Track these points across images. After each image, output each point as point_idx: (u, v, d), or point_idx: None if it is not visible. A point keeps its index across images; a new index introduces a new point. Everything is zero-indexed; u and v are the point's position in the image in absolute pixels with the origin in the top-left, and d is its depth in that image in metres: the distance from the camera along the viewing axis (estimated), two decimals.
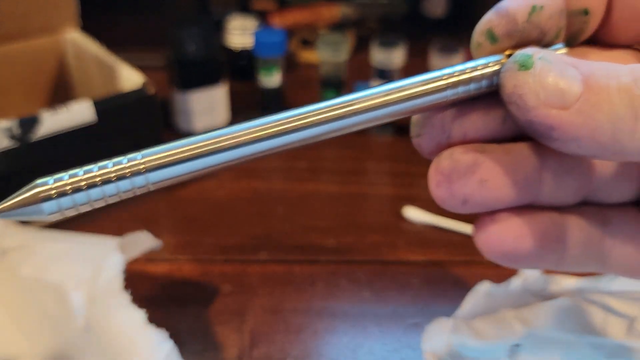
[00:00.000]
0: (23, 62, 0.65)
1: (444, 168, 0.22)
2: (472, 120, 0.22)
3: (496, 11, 0.22)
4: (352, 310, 0.49)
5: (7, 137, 0.50)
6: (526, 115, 0.19)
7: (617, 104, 0.18)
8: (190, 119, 0.69)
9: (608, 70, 0.19)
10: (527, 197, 0.22)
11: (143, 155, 0.19)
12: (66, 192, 0.19)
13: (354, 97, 0.21)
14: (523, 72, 0.20)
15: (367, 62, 0.69)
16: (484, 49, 0.22)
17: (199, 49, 0.66)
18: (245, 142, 0.20)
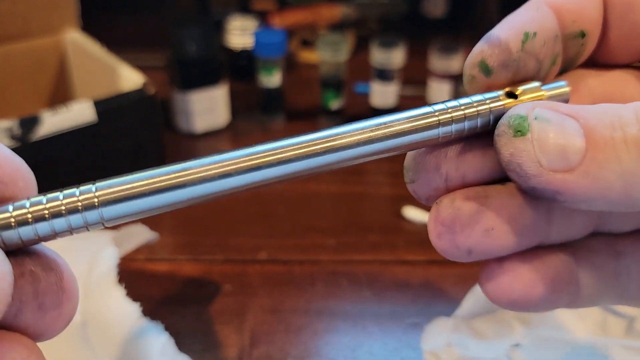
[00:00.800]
0: (23, 62, 0.65)
1: (445, 218, 0.20)
2: (470, 161, 0.20)
3: (487, 41, 0.20)
4: (352, 310, 0.49)
5: (7, 137, 0.50)
6: (527, 183, 0.18)
7: (625, 159, 0.17)
8: (191, 119, 0.69)
9: (611, 120, 0.17)
10: (536, 239, 0.21)
11: (97, 187, 0.17)
12: (10, 225, 0.16)
13: (336, 131, 0.19)
14: (519, 138, 0.18)
15: (367, 62, 0.69)
16: (478, 82, 0.20)
17: (199, 49, 0.66)
18: (212, 177, 0.17)
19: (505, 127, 0.19)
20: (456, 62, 0.65)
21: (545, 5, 0.21)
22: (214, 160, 0.18)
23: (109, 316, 0.42)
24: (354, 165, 0.20)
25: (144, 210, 0.17)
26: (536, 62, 0.20)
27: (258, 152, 0.18)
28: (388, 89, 0.68)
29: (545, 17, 0.21)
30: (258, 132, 0.71)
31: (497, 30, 0.20)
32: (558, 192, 0.18)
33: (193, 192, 0.17)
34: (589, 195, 0.17)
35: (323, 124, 0.72)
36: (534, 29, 0.20)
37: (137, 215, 0.17)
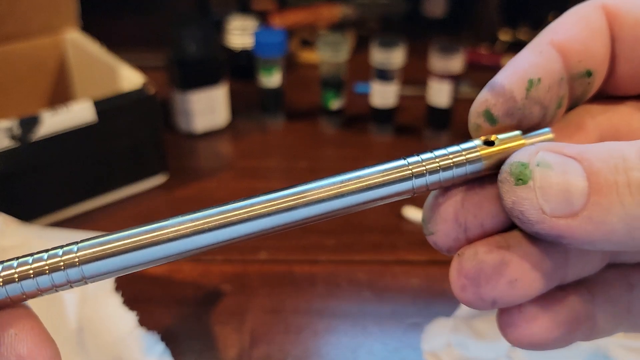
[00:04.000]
0: (23, 62, 0.65)
1: (469, 271, 0.20)
2: (487, 208, 0.20)
3: (491, 89, 0.20)
4: (352, 310, 0.49)
5: (7, 137, 0.50)
6: (531, 228, 0.18)
7: (629, 203, 0.17)
8: (190, 119, 0.69)
9: (615, 162, 0.17)
10: (555, 282, 0.21)
11: (79, 247, 0.18)
12: None
13: (308, 187, 0.19)
14: (521, 187, 0.18)
15: (367, 62, 0.69)
16: (484, 131, 0.20)
17: (199, 49, 0.66)
18: (188, 234, 0.18)
19: (507, 174, 0.19)
20: (456, 62, 0.65)
21: (550, 46, 0.21)
22: (188, 218, 0.18)
23: (105, 324, 0.42)
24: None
25: (123, 268, 0.18)
26: (541, 108, 0.20)
27: (230, 210, 0.19)
28: (388, 89, 0.68)
29: (549, 60, 0.21)
30: (258, 132, 0.71)
31: (501, 78, 0.20)
32: (562, 236, 0.18)
33: (168, 250, 0.18)
34: (593, 239, 0.17)
35: (323, 123, 0.72)
36: (538, 74, 0.20)
37: (117, 272, 0.18)
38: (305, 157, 0.67)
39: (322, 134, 0.71)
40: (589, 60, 0.21)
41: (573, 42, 0.21)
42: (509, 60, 0.21)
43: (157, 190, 0.62)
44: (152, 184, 0.62)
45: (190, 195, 0.61)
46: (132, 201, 0.60)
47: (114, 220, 0.57)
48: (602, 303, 0.22)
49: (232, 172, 0.65)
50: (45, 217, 0.56)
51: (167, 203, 0.60)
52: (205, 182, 0.63)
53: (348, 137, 0.71)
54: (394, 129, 0.71)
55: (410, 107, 0.73)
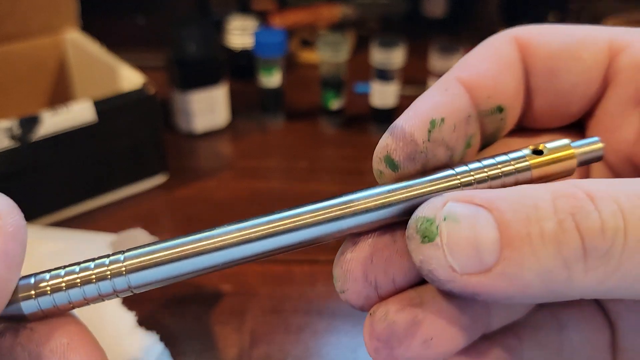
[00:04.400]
0: (23, 62, 0.65)
1: (381, 333, 0.19)
2: (397, 263, 0.19)
3: (392, 133, 0.19)
4: (352, 311, 0.48)
5: (7, 137, 0.50)
6: (443, 287, 0.17)
7: (543, 256, 0.16)
8: (190, 119, 0.69)
9: (527, 212, 0.16)
10: (478, 333, 0.20)
11: (125, 257, 0.18)
12: (46, 292, 0.18)
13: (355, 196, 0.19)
14: (427, 244, 0.17)
15: (367, 62, 0.69)
16: (387, 178, 0.19)
17: (199, 49, 0.66)
18: (234, 243, 0.18)
19: (413, 230, 0.17)
20: (456, 62, 0.65)
21: (457, 82, 0.20)
22: (235, 227, 0.18)
23: (104, 323, 0.42)
24: (355, 167, 0.20)
25: (169, 277, 0.18)
26: (446, 149, 0.19)
27: (276, 220, 0.18)
28: (388, 89, 0.68)
29: (455, 98, 0.20)
30: (258, 132, 0.71)
31: (402, 121, 0.19)
32: (476, 293, 0.17)
33: (214, 259, 0.18)
34: (508, 295, 0.16)
35: (323, 123, 0.72)
36: (441, 114, 0.19)
37: (163, 281, 0.19)
38: (305, 157, 0.67)
39: (322, 134, 0.71)
40: (499, 95, 0.20)
41: (481, 78, 0.20)
42: (414, 101, 0.20)
43: (157, 190, 0.62)
44: (152, 184, 0.62)
45: (190, 195, 0.61)
46: (132, 201, 0.60)
47: (114, 220, 0.57)
48: (531, 347, 0.21)
49: (232, 172, 0.65)
50: (45, 217, 0.56)
51: (167, 203, 0.60)
52: (205, 182, 0.63)
53: (348, 137, 0.71)
54: None
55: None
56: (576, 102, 0.21)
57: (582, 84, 0.21)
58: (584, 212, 0.16)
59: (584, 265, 0.16)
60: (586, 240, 0.16)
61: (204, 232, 0.18)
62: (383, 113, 0.70)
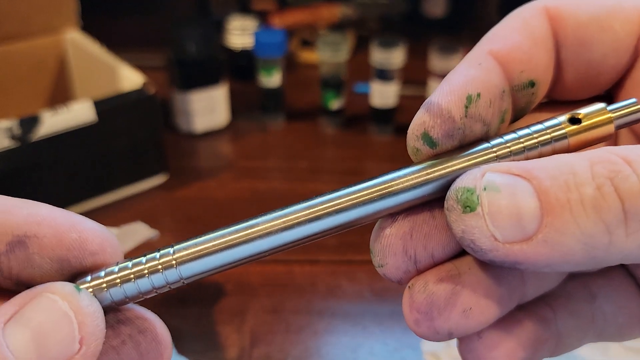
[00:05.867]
0: (24, 62, 0.65)
1: (421, 305, 0.19)
2: (436, 238, 0.19)
3: (428, 109, 0.19)
4: (352, 310, 0.49)
5: (7, 137, 0.50)
6: (484, 257, 0.17)
7: (584, 222, 0.16)
8: (190, 119, 0.69)
9: (566, 179, 0.16)
10: (513, 303, 0.20)
11: (175, 249, 0.19)
12: (102, 289, 0.19)
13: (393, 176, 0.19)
14: (469, 214, 0.17)
15: (367, 62, 0.69)
16: (424, 155, 0.19)
17: (199, 49, 0.66)
18: (279, 230, 0.18)
19: (453, 202, 0.17)
20: (456, 62, 0.65)
21: (489, 57, 0.20)
22: (277, 215, 0.19)
23: None
24: (355, 167, 0.20)
25: (218, 266, 0.19)
26: (483, 125, 0.19)
27: (318, 204, 0.19)
28: (388, 89, 0.68)
29: (489, 73, 0.19)
30: (258, 132, 0.71)
31: (438, 97, 0.19)
32: (517, 262, 0.17)
33: (260, 247, 0.19)
34: (550, 262, 0.16)
35: (323, 123, 0.72)
36: (477, 89, 0.19)
37: (212, 271, 0.19)
38: (305, 157, 0.67)
39: (322, 134, 0.71)
40: (531, 70, 0.20)
41: (514, 51, 0.20)
42: (447, 75, 0.20)
43: (157, 190, 0.62)
44: (152, 184, 0.62)
45: (190, 195, 0.61)
46: (132, 201, 0.60)
47: (114, 220, 0.57)
48: (564, 317, 0.21)
49: (232, 172, 0.65)
50: None
51: (167, 203, 0.60)
52: (205, 182, 0.63)
53: (348, 137, 0.71)
54: (394, 129, 0.71)
55: (410, 107, 0.73)
56: (606, 73, 0.21)
57: (612, 54, 0.21)
58: (622, 175, 0.16)
59: (625, 229, 0.16)
60: (626, 202, 0.16)
61: (247, 221, 0.19)
62: (383, 113, 0.70)
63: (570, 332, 0.21)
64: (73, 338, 0.17)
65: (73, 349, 0.17)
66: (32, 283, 0.18)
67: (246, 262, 0.19)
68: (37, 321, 0.17)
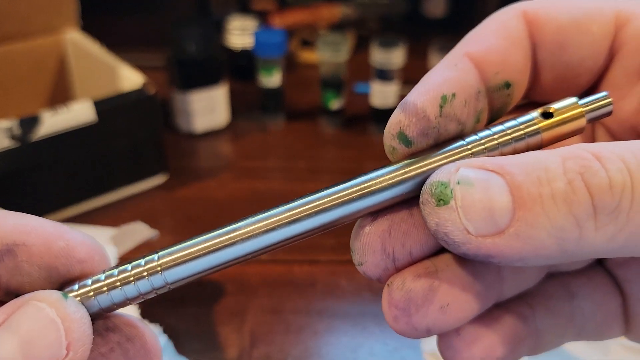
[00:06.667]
0: (24, 62, 0.65)
1: (399, 301, 0.19)
2: (414, 236, 0.19)
3: (404, 109, 0.19)
4: (352, 310, 0.49)
5: (7, 137, 0.50)
6: (458, 250, 0.17)
7: (555, 216, 0.16)
8: (190, 119, 0.69)
9: (538, 175, 0.16)
10: (491, 300, 0.20)
11: (159, 255, 0.19)
12: (89, 297, 0.19)
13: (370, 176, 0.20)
14: (443, 207, 0.17)
15: (367, 62, 0.69)
16: (400, 154, 0.20)
17: (199, 49, 0.66)
18: (260, 233, 0.19)
19: (427, 195, 0.18)
20: None
21: (465, 58, 0.20)
22: (258, 218, 0.19)
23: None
24: (355, 167, 0.20)
25: (202, 271, 0.19)
26: (458, 124, 0.19)
27: (298, 206, 0.19)
28: (388, 89, 0.68)
29: (465, 74, 0.20)
30: (258, 132, 0.71)
31: (413, 96, 0.19)
32: (490, 255, 0.17)
33: (243, 250, 0.19)
34: (523, 256, 0.17)
35: (323, 123, 0.72)
36: (452, 89, 0.19)
37: (196, 275, 0.19)
38: (305, 157, 0.67)
39: (322, 134, 0.71)
40: (507, 71, 0.20)
41: (490, 53, 0.20)
42: (423, 76, 0.20)
43: (157, 190, 0.62)
44: (152, 184, 0.62)
45: (190, 195, 0.61)
46: (132, 201, 0.60)
47: (114, 220, 0.57)
48: (543, 316, 0.21)
49: (232, 172, 0.65)
50: (45, 217, 0.55)
51: (167, 203, 0.60)
52: (205, 182, 0.63)
53: (348, 137, 0.71)
54: None
55: None
56: (584, 75, 0.21)
57: (590, 56, 0.21)
58: (592, 171, 0.16)
59: (594, 223, 0.16)
60: (595, 197, 0.16)
61: (230, 225, 0.19)
62: (383, 113, 0.70)
63: (549, 330, 0.21)
64: (60, 344, 0.17)
65: (60, 355, 0.17)
66: (20, 291, 0.18)
67: (230, 265, 0.19)
68: (25, 328, 0.17)
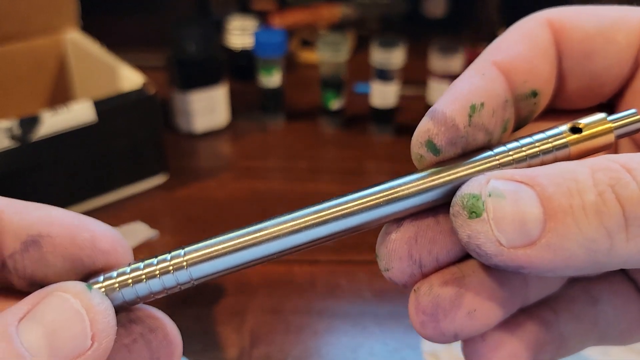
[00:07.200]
0: (24, 62, 0.65)
1: (426, 307, 0.19)
2: (440, 243, 0.20)
3: (432, 117, 0.19)
4: (352, 310, 0.49)
5: (7, 137, 0.50)
6: (489, 261, 0.18)
7: (586, 227, 0.16)
8: (190, 119, 0.69)
9: (568, 185, 0.17)
10: (516, 306, 0.21)
11: (186, 251, 0.19)
12: (114, 289, 0.19)
13: (396, 183, 0.19)
14: (475, 220, 0.17)
15: (367, 62, 0.69)
16: (428, 162, 0.20)
17: (199, 49, 0.66)
18: (287, 233, 0.19)
19: (459, 207, 0.18)
20: (456, 62, 0.65)
21: (493, 67, 0.20)
22: (285, 219, 0.19)
23: None
24: (355, 167, 0.20)
25: (227, 268, 0.20)
26: (486, 134, 0.19)
27: (325, 208, 0.19)
28: (388, 89, 0.68)
29: (492, 82, 0.20)
30: (258, 132, 0.71)
31: (442, 105, 0.19)
32: (522, 267, 0.17)
33: (268, 249, 0.19)
34: (554, 267, 0.17)
35: (323, 123, 0.72)
36: (480, 99, 0.19)
37: (221, 272, 0.20)
38: (305, 157, 0.67)
39: (322, 134, 0.71)
40: (534, 80, 0.20)
41: (517, 62, 0.20)
42: (451, 84, 0.20)
43: (157, 190, 0.62)
44: (152, 184, 0.62)
45: (190, 195, 0.61)
46: (132, 201, 0.60)
47: (114, 220, 0.57)
48: (567, 321, 0.21)
49: (232, 172, 0.65)
50: None
51: (167, 203, 0.60)
52: (205, 182, 0.63)
53: (348, 137, 0.71)
54: (394, 129, 0.71)
55: (410, 107, 0.73)
56: (609, 84, 0.21)
57: (615, 65, 0.21)
58: (622, 182, 0.16)
59: (625, 234, 0.16)
60: (626, 209, 0.16)
61: (257, 224, 0.19)
62: (383, 113, 0.70)
63: (573, 335, 0.21)
64: (85, 335, 0.17)
65: (85, 346, 0.17)
66: (45, 282, 0.19)
67: (255, 264, 0.20)
68: (50, 319, 0.17)
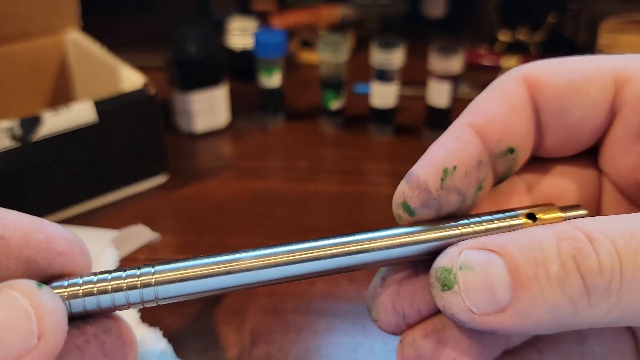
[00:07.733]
0: (24, 62, 0.65)
1: (410, 358, 0.21)
2: (420, 296, 0.21)
3: (408, 181, 0.21)
4: (352, 310, 0.49)
5: (8, 137, 0.50)
6: (465, 326, 0.19)
7: (551, 296, 0.18)
8: (191, 120, 0.69)
9: (534, 255, 0.18)
10: (498, 351, 0.21)
11: (156, 270, 0.19)
12: (78, 295, 0.19)
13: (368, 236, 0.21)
14: (447, 292, 0.19)
15: (367, 63, 0.69)
16: (405, 221, 0.21)
17: (199, 49, 0.66)
18: (260, 266, 0.20)
19: (434, 279, 0.19)
20: (456, 62, 0.65)
21: (468, 129, 0.21)
22: (262, 253, 0.20)
23: None
24: (355, 167, 0.21)
25: (194, 292, 0.19)
26: (458, 195, 0.21)
27: (303, 249, 0.20)
28: (388, 89, 0.68)
29: (466, 145, 0.21)
30: (258, 132, 0.72)
31: (417, 169, 0.21)
32: (494, 330, 0.18)
33: (235, 280, 0.20)
34: (525, 329, 0.18)
35: (323, 124, 0.72)
36: (453, 162, 0.20)
37: (187, 295, 0.20)
38: (305, 157, 0.67)
39: (322, 134, 0.71)
40: (510, 138, 0.21)
41: (492, 122, 0.21)
42: (429, 147, 0.21)
43: (157, 190, 0.62)
44: (152, 184, 0.62)
45: (190, 195, 0.61)
46: (132, 201, 0.60)
47: (114, 221, 0.57)
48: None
49: (232, 172, 0.65)
50: (46, 217, 0.56)
51: (167, 203, 0.60)
52: (205, 182, 0.63)
53: (348, 138, 0.71)
54: (394, 129, 0.71)
55: (410, 107, 0.73)
56: (585, 134, 0.22)
57: (590, 117, 0.22)
58: (583, 253, 0.18)
59: (587, 302, 0.18)
60: (587, 279, 0.17)
61: (231, 254, 0.20)
62: (383, 113, 0.70)
63: None
64: (31, 333, 0.17)
65: (30, 344, 0.17)
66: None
67: (223, 292, 0.20)
68: None
